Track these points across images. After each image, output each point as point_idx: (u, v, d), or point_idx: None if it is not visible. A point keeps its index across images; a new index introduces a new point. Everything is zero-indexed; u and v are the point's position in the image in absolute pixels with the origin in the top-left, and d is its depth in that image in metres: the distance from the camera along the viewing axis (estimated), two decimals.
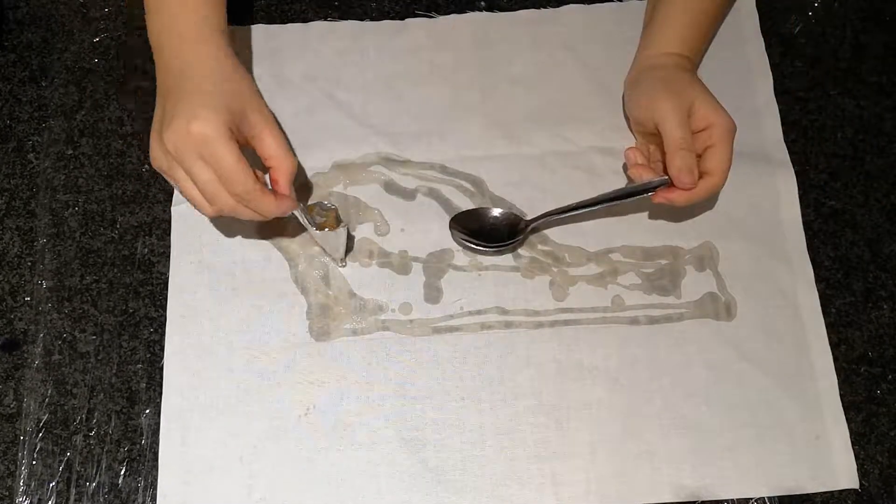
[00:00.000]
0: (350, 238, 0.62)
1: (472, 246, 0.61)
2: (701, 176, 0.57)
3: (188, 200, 0.53)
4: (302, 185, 0.63)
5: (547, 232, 0.62)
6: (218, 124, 0.50)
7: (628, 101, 0.63)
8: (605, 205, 0.59)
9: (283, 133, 0.55)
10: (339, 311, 0.60)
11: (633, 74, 0.63)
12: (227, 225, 0.63)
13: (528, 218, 0.61)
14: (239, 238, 0.62)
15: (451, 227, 0.62)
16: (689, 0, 0.62)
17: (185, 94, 0.51)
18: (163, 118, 0.52)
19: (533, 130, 0.65)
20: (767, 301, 0.61)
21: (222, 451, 0.57)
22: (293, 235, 0.62)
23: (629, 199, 0.59)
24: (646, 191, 0.58)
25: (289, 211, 0.54)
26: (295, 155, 0.55)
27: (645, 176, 0.59)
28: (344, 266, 0.61)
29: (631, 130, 0.65)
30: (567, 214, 0.60)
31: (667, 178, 0.58)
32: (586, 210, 0.60)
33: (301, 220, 0.57)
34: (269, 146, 0.53)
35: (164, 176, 0.53)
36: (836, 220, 0.64)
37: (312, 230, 0.58)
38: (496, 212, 0.62)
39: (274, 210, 0.53)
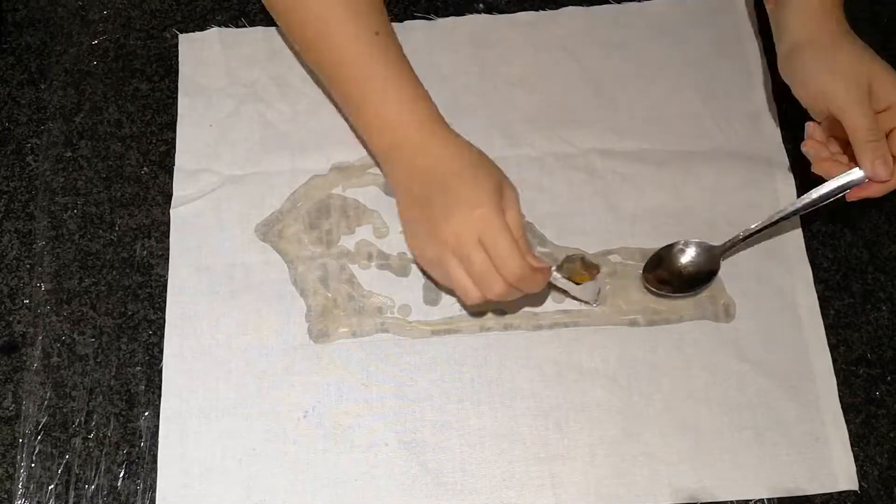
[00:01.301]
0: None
1: (670, 295, 0.60)
2: (894, 161, 0.52)
3: (457, 291, 0.53)
4: None
5: (546, 233, 0.62)
6: (498, 208, 0.51)
7: (791, 81, 0.57)
8: (799, 214, 0.58)
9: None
10: (337, 314, 0.60)
11: (786, 53, 0.57)
12: (226, 227, 0.63)
13: (718, 245, 0.60)
14: (238, 240, 0.62)
15: (644, 279, 0.60)
16: None
17: (454, 187, 0.53)
18: (430, 213, 0.53)
19: (532, 132, 0.65)
20: (766, 302, 0.61)
21: (221, 453, 0.57)
22: (291, 238, 0.62)
23: (825, 203, 0.56)
24: (843, 191, 0.55)
25: (548, 280, 0.55)
26: None
27: (832, 172, 0.54)
28: (597, 305, 0.60)
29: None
30: (761, 233, 0.59)
31: (858, 172, 0.54)
32: (779, 223, 0.58)
33: (559, 284, 0.57)
34: (515, 221, 0.53)
35: (429, 271, 0.55)
36: (834, 222, 0.64)
37: (574, 288, 0.57)
38: (689, 251, 0.60)
39: (542, 286, 0.54)
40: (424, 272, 0.60)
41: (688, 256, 0.60)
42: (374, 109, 0.56)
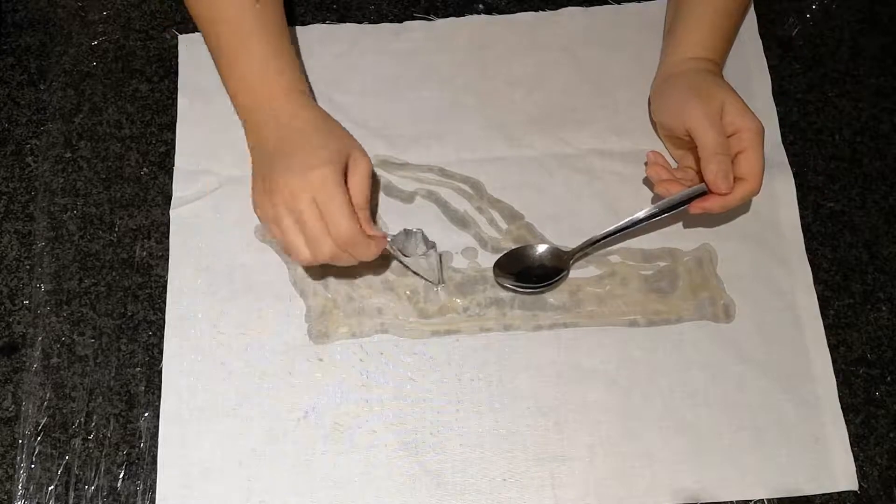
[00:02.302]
0: (440, 257, 0.61)
1: (519, 289, 0.60)
2: (735, 181, 0.56)
3: (288, 249, 0.54)
4: None
5: (546, 233, 0.62)
6: (336, 171, 0.53)
7: (656, 108, 0.63)
8: (644, 224, 0.59)
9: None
10: (337, 314, 0.60)
11: (659, 82, 0.63)
12: (226, 228, 0.63)
13: (569, 250, 0.60)
14: (237, 241, 0.62)
15: (494, 274, 0.60)
16: (711, 3, 0.61)
17: (299, 148, 0.55)
18: (272, 170, 0.54)
19: (532, 133, 0.65)
20: (766, 303, 0.61)
21: (221, 454, 0.57)
22: None
23: (668, 214, 0.58)
24: (683, 203, 0.58)
25: (381, 249, 0.55)
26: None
27: (672, 190, 0.58)
28: (443, 285, 0.60)
29: (659, 137, 0.65)
30: (608, 238, 0.59)
31: (703, 186, 0.57)
32: (626, 231, 0.59)
33: (393, 253, 0.57)
34: (359, 189, 0.55)
35: (267, 228, 0.56)
36: (834, 222, 0.64)
37: (406, 259, 0.57)
38: (540, 249, 0.61)
39: (374, 254, 0.54)
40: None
41: (539, 257, 0.61)
42: (241, 72, 0.58)
